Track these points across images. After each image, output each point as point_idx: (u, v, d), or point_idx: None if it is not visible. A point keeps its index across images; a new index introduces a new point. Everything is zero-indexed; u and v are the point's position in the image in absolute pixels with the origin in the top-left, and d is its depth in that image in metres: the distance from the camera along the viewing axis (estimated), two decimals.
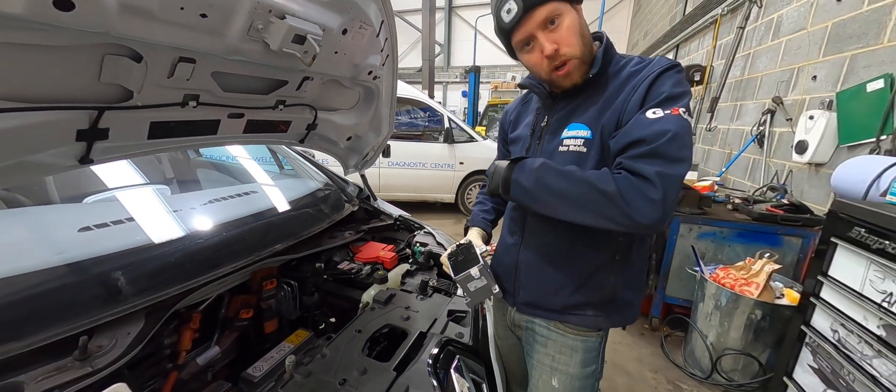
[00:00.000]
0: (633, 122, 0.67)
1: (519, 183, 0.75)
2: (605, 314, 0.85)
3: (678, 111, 0.66)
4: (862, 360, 1.14)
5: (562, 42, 0.71)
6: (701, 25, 4.05)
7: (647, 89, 0.69)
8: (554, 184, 0.71)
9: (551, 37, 0.70)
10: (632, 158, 0.66)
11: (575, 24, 0.71)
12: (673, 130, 0.64)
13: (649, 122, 0.65)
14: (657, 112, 0.66)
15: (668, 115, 0.65)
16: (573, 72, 0.74)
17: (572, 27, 0.71)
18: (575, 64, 0.73)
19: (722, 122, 3.38)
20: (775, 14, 2.71)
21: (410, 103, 4.69)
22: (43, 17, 0.43)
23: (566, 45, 0.71)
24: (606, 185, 0.66)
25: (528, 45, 0.74)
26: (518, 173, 0.75)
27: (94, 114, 0.61)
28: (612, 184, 0.66)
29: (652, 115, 0.66)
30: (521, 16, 0.69)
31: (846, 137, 1.94)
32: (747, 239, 2.09)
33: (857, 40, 1.94)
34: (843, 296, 1.22)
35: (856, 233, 1.17)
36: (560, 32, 0.70)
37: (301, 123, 1.13)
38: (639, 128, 0.66)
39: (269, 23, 0.67)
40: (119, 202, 1.11)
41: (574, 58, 0.72)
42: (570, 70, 0.73)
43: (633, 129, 0.67)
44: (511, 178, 0.76)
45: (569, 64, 0.73)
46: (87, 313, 0.69)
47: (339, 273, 1.26)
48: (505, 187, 0.77)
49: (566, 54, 0.71)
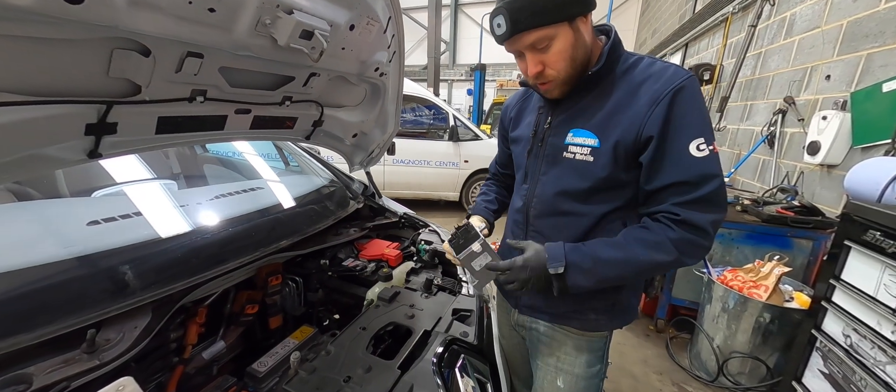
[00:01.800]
0: (677, 157, 0.67)
1: (578, 287, 0.74)
2: (607, 316, 0.85)
3: (716, 148, 0.68)
4: (875, 365, 1.12)
5: (548, 64, 0.71)
6: (711, 24, 3.99)
7: (668, 107, 0.67)
8: (614, 275, 0.73)
9: (538, 58, 0.70)
10: (685, 207, 0.68)
11: (566, 48, 0.69)
12: (719, 175, 0.67)
13: (696, 162, 0.66)
14: (703, 147, 0.67)
15: (712, 154, 0.67)
16: (553, 89, 0.75)
17: (562, 52, 0.69)
18: (556, 82, 0.73)
19: (731, 122, 3.33)
20: (788, 12, 2.66)
21: (415, 101, 4.69)
22: (52, 11, 0.43)
23: (551, 68, 0.71)
24: (666, 256, 0.69)
25: (520, 55, 0.74)
26: (575, 280, 0.73)
27: (103, 108, 0.61)
28: (671, 250, 0.69)
29: (697, 152, 0.66)
30: (508, 36, 0.69)
31: (860, 138, 1.90)
32: (756, 241, 2.06)
33: (873, 39, 1.90)
34: (857, 300, 1.19)
35: (871, 236, 1.15)
36: (548, 55, 0.70)
37: (307, 120, 1.13)
38: (686, 167, 0.67)
39: (276, 18, 0.67)
40: (127, 196, 1.12)
41: (556, 79, 0.72)
42: (551, 87, 0.74)
43: (681, 169, 0.67)
44: (567, 286, 0.74)
45: (550, 82, 0.73)
46: (94, 306, 0.70)
47: (344, 270, 1.26)
48: (561, 293, 0.75)
49: (549, 76, 0.72)
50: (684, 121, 0.66)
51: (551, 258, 0.74)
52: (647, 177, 0.71)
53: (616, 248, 0.72)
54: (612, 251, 0.72)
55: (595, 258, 0.72)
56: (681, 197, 0.68)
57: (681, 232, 0.68)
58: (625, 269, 0.72)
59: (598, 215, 0.78)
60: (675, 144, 0.67)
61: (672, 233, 0.69)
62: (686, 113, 0.67)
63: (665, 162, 0.68)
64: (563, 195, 0.80)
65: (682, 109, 0.66)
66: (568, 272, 0.73)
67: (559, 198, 0.80)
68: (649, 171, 0.70)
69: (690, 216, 0.67)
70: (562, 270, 0.72)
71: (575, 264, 0.73)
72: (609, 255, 0.72)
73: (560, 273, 0.73)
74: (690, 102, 0.67)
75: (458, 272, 1.28)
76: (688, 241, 0.68)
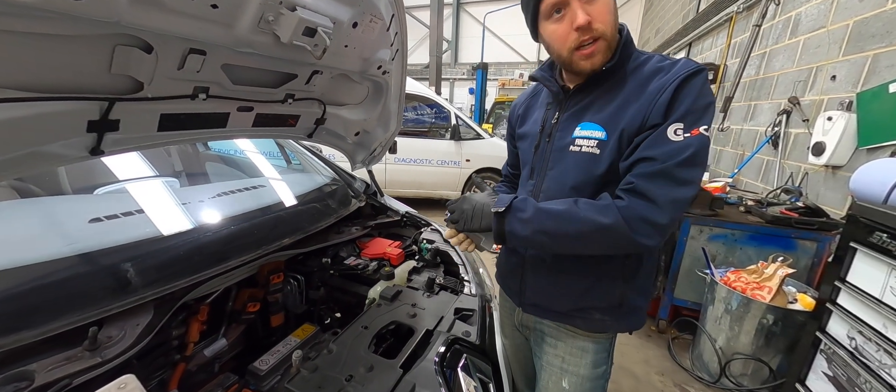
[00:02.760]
0: (654, 136, 0.65)
1: (514, 234, 0.73)
2: (612, 318, 0.83)
3: (698, 131, 0.64)
4: (880, 368, 1.11)
5: (596, 17, 0.66)
6: (715, 23, 3.96)
7: (672, 94, 0.65)
8: (552, 228, 0.70)
9: (587, 8, 0.66)
10: (642, 177, 0.65)
11: (611, 3, 0.68)
12: (690, 152, 0.63)
13: (667, 142, 0.64)
14: (679, 132, 0.64)
15: (688, 138, 0.64)
16: (597, 53, 0.69)
17: (608, 5, 0.67)
18: (602, 45, 0.69)
19: (735, 123, 3.31)
20: (793, 12, 2.64)
21: (417, 100, 4.68)
22: (55, 7, 0.42)
23: (599, 22, 0.66)
24: (607, 218, 0.66)
25: (559, 12, 0.68)
26: (512, 224, 0.73)
27: (105, 105, 0.61)
28: (614, 214, 0.65)
29: (674, 135, 0.64)
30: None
31: (866, 139, 1.88)
32: (760, 242, 2.04)
33: (880, 39, 1.88)
34: (862, 302, 1.18)
35: (877, 238, 1.14)
36: (597, 6, 0.66)
37: (310, 118, 1.13)
38: (656, 144, 0.65)
39: (279, 15, 0.67)
40: (129, 194, 1.12)
41: (604, 37, 0.68)
42: (596, 50, 0.69)
43: (651, 145, 0.65)
44: (505, 231, 0.74)
45: (597, 43, 0.68)
46: (97, 304, 0.69)
47: (346, 268, 1.26)
48: (499, 238, 0.76)
49: (598, 30, 0.67)
50: (677, 105, 0.65)
51: (498, 201, 0.75)
52: (626, 156, 0.70)
53: (561, 204, 0.71)
54: (557, 205, 0.71)
55: (537, 208, 0.72)
56: (641, 169, 0.66)
57: (630, 200, 0.65)
58: (564, 225, 0.69)
59: None
60: (661, 126, 0.66)
61: (621, 201, 0.67)
62: (681, 98, 0.65)
63: (644, 141, 0.67)
64: (569, 190, 0.78)
65: (680, 95, 0.65)
66: (508, 215, 0.73)
67: (565, 193, 0.79)
68: (630, 151, 0.69)
69: (644, 186, 0.64)
70: (502, 210, 0.73)
71: (517, 209, 0.73)
72: (551, 207, 0.71)
73: (500, 212, 0.73)
74: (690, 88, 0.65)
75: (460, 272, 1.28)
76: (636, 213, 0.64)
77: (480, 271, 1.33)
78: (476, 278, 1.24)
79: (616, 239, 0.67)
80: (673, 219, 0.65)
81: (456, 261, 1.33)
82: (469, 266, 1.31)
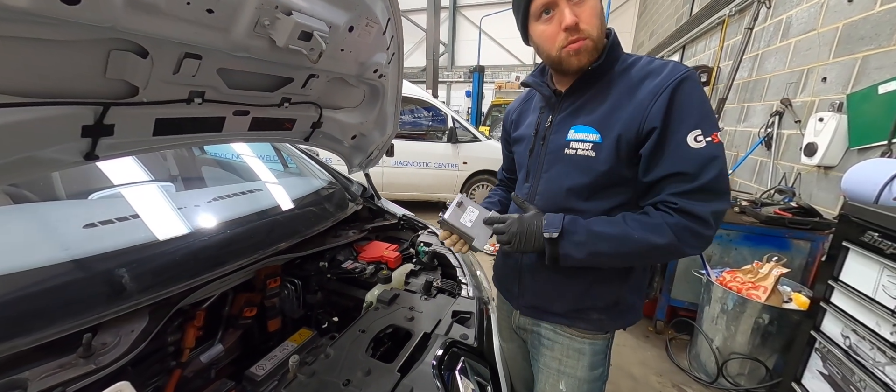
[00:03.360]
0: (675, 148, 0.67)
1: (569, 256, 0.73)
2: (609, 317, 0.85)
3: (718, 138, 0.67)
4: (874, 366, 1.12)
5: (583, 18, 0.69)
6: (708, 26, 4.01)
7: (669, 99, 0.67)
8: (607, 250, 0.72)
9: (575, 9, 0.69)
10: (683, 196, 0.68)
11: (598, 7, 0.71)
12: (719, 162, 0.66)
13: (694, 153, 0.66)
14: (700, 139, 0.66)
15: (710, 144, 0.66)
16: (584, 51, 0.72)
17: (595, 9, 0.70)
18: (589, 45, 0.71)
19: (729, 124, 3.35)
20: (784, 15, 2.68)
21: (414, 102, 4.69)
22: (49, 12, 0.42)
23: (586, 23, 0.69)
24: (662, 238, 0.68)
25: (549, 13, 0.72)
26: (566, 248, 0.73)
27: (100, 109, 0.61)
28: (669, 234, 0.68)
29: (695, 143, 0.66)
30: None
31: (857, 140, 1.91)
32: (754, 242, 2.06)
33: (869, 41, 1.91)
34: (855, 301, 1.20)
35: (869, 237, 1.15)
36: (584, 9, 0.69)
37: (306, 121, 1.13)
38: (683, 158, 0.67)
39: (275, 19, 0.67)
40: (124, 199, 1.11)
41: (591, 37, 0.71)
42: (583, 48, 0.71)
43: (678, 159, 0.67)
44: (559, 255, 0.74)
45: (581, 42, 0.71)
46: (91, 310, 0.69)
47: (343, 272, 1.26)
48: (552, 261, 0.75)
49: (585, 31, 0.70)
50: (682, 112, 0.67)
51: (548, 223, 0.75)
52: (646, 168, 0.71)
53: (612, 225, 0.72)
54: (609, 227, 0.72)
55: (590, 231, 0.73)
56: (678, 187, 0.68)
57: (678, 218, 0.68)
58: (619, 247, 0.71)
59: (601, 212, 0.78)
60: (675, 136, 0.67)
61: (670, 218, 0.69)
62: (684, 104, 0.67)
63: (663, 153, 0.68)
64: (565, 192, 0.80)
65: (680, 101, 0.67)
66: (562, 240, 0.73)
67: (561, 195, 0.80)
68: (648, 162, 0.71)
69: (688, 205, 0.67)
70: (556, 236, 0.73)
71: (570, 232, 0.73)
72: (604, 229, 0.72)
73: (554, 238, 0.73)
74: (690, 94, 0.68)
75: (457, 274, 1.28)
76: (686, 229, 0.68)
77: (478, 274, 1.33)
78: (473, 281, 1.24)
79: (668, 254, 0.71)
80: (717, 228, 0.70)
81: (453, 263, 1.33)
82: (466, 268, 1.31)
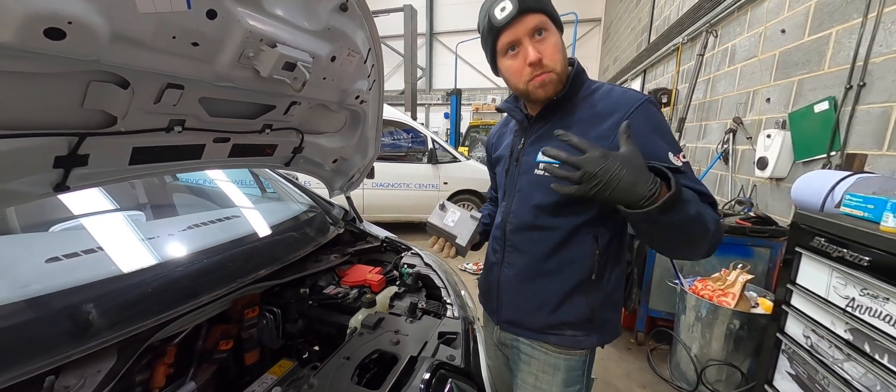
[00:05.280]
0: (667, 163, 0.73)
1: (673, 208, 0.63)
2: (585, 333, 0.86)
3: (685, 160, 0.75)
4: (834, 364, 1.19)
5: (545, 54, 0.75)
6: (665, 52, 4.36)
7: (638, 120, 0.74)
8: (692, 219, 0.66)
9: (537, 46, 0.74)
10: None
11: (559, 43, 0.77)
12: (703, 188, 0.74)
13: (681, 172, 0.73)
14: (680, 158, 0.74)
15: (686, 163, 0.74)
16: (549, 83, 0.77)
17: (557, 45, 0.76)
18: (553, 77, 0.77)
19: (690, 141, 3.59)
20: (729, 43, 2.97)
21: (394, 125, 4.75)
22: (33, 47, 0.42)
23: (548, 59, 0.75)
24: (711, 223, 0.70)
25: (514, 49, 0.77)
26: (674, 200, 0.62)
27: (75, 140, 0.60)
28: (714, 220, 0.71)
29: (676, 161, 0.73)
30: (514, 16, 0.72)
31: (801, 154, 2.10)
32: (721, 251, 2.17)
33: (802, 66, 2.14)
34: (812, 302, 1.29)
35: (817, 242, 1.26)
36: (545, 45, 0.75)
37: (287, 147, 1.13)
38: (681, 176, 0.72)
39: (260, 51, 0.69)
40: (90, 230, 1.06)
41: (554, 71, 0.76)
42: (548, 79, 0.76)
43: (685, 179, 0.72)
44: (671, 200, 0.62)
45: (546, 75, 0.76)
46: (54, 350, 0.64)
47: (325, 298, 1.23)
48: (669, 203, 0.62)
49: (548, 66, 0.75)
50: (653, 135, 0.74)
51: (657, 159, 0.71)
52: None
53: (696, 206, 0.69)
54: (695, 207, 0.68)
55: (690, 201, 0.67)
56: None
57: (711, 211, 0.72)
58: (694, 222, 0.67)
59: (570, 229, 0.82)
60: (658, 153, 0.72)
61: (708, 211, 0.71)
62: (654, 129, 0.75)
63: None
64: (535, 209, 0.84)
65: (647, 126, 0.74)
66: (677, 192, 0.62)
67: (532, 212, 0.85)
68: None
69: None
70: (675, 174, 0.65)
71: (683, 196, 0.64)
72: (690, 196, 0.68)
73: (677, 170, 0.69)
74: (652, 120, 0.75)
75: (442, 295, 1.28)
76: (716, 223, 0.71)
77: (462, 293, 1.33)
78: (458, 300, 1.25)
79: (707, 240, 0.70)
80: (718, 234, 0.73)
81: (438, 284, 1.33)
82: (451, 289, 1.31)
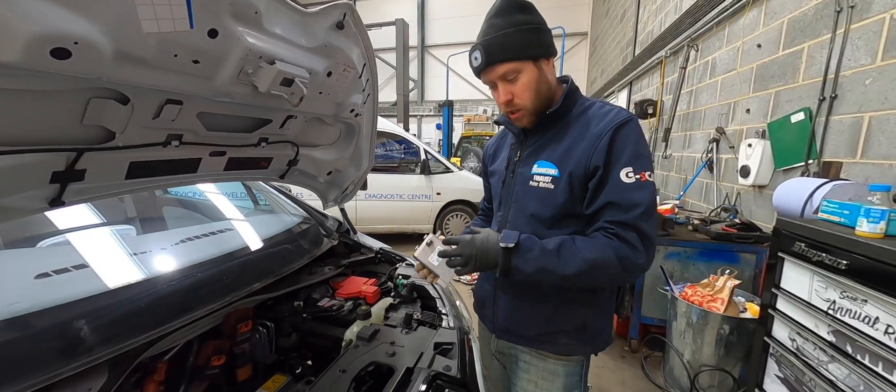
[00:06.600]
0: (612, 183, 0.77)
1: (520, 270, 0.79)
2: (579, 342, 0.89)
3: (646, 177, 0.77)
4: (819, 365, 1.23)
5: (515, 94, 0.82)
6: (649, 65, 4.51)
7: (609, 144, 0.78)
8: (556, 269, 0.78)
9: (508, 88, 0.81)
10: (618, 224, 0.76)
11: (531, 81, 0.81)
12: (646, 202, 0.76)
13: (623, 186, 0.76)
14: (631, 175, 0.76)
15: (638, 182, 0.76)
16: (522, 118, 0.86)
17: (528, 84, 0.81)
18: (524, 113, 0.84)
19: (676, 150, 3.69)
20: (710, 57, 3.09)
21: (386, 136, 4.77)
22: (39, 66, 0.43)
23: (519, 98, 0.82)
24: (607, 257, 0.75)
25: (493, 87, 0.85)
26: (519, 262, 0.79)
27: (73, 155, 0.60)
28: (612, 256, 0.75)
29: (626, 178, 0.76)
30: (483, 67, 0.80)
31: (780, 162, 2.18)
32: (708, 257, 2.24)
33: (778, 79, 2.25)
34: (796, 306, 1.33)
35: (798, 247, 1.30)
36: (516, 87, 0.81)
37: (282, 159, 1.14)
38: (615, 191, 0.77)
39: (259, 68, 0.70)
40: (80, 245, 1.04)
41: (524, 108, 0.83)
42: (521, 116, 0.85)
43: (612, 191, 0.77)
44: (512, 266, 0.79)
45: (519, 112, 0.84)
46: (43, 369, 0.63)
47: (320, 311, 1.22)
48: (504, 272, 0.80)
49: (517, 105, 0.83)
50: (620, 153, 0.77)
51: (505, 236, 0.81)
52: (589, 201, 0.81)
53: (563, 245, 0.79)
54: (559, 246, 0.79)
55: (542, 247, 0.79)
56: (614, 216, 0.77)
57: (618, 243, 0.76)
58: (567, 264, 0.77)
59: None
60: (612, 172, 0.77)
61: (612, 242, 0.77)
62: (622, 146, 0.78)
63: (603, 187, 0.78)
64: (529, 219, 0.88)
65: (619, 143, 0.78)
66: (515, 253, 0.78)
67: (526, 222, 0.88)
68: (592, 195, 0.80)
69: (622, 231, 0.76)
70: (512, 245, 0.78)
71: (525, 248, 0.79)
72: (554, 246, 0.79)
73: (510, 248, 0.78)
74: (626, 137, 0.78)
75: (437, 305, 1.29)
76: (624, 255, 0.75)
77: (458, 304, 1.34)
78: (454, 311, 1.25)
79: (612, 276, 0.78)
80: (650, 256, 0.78)
81: (433, 295, 1.33)
82: (446, 299, 1.32)
